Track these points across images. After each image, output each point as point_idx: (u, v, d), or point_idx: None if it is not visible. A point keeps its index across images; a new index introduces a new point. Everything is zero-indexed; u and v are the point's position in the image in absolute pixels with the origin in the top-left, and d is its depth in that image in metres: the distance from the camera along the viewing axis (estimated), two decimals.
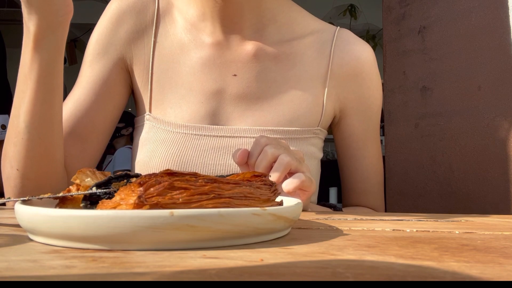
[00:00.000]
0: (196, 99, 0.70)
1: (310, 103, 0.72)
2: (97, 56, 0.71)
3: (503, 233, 0.41)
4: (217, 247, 0.31)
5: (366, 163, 0.78)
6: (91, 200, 0.37)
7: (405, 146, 1.27)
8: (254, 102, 0.71)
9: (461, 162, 1.11)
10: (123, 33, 0.72)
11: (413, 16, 1.27)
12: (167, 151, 0.68)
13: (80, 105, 0.69)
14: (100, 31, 0.72)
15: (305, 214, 0.56)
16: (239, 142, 0.68)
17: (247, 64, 0.71)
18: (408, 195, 1.26)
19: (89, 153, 0.71)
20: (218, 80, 0.70)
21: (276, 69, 0.72)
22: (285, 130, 0.70)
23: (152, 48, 0.71)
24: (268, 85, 0.71)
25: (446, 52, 1.17)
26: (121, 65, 0.72)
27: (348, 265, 0.26)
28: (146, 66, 0.72)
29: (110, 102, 0.71)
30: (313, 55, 0.74)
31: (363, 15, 4.17)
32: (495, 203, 1.03)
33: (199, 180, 0.34)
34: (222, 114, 0.70)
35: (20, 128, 0.58)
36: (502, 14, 1.03)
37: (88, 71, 0.71)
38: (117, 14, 0.72)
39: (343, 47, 0.75)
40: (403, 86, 1.28)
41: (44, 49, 0.55)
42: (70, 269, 0.24)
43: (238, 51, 0.71)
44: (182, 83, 0.71)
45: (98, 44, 0.72)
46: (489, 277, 0.23)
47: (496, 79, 1.04)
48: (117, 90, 0.72)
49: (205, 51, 0.71)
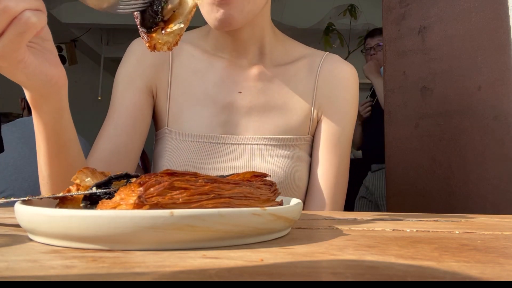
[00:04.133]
0: (208, 113, 0.83)
1: (301, 115, 0.86)
2: (127, 86, 0.84)
3: (503, 233, 0.41)
4: (217, 247, 0.31)
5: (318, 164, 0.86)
6: (91, 200, 0.37)
7: (405, 146, 1.27)
8: (256, 114, 0.84)
9: (461, 162, 1.11)
10: (146, 66, 0.85)
11: (413, 16, 1.27)
12: (185, 157, 0.80)
13: (120, 128, 0.81)
14: (127, 65, 0.86)
15: (305, 214, 0.56)
16: (243, 148, 0.82)
17: (250, 83, 0.85)
18: (408, 195, 1.26)
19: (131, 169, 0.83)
20: (226, 97, 0.84)
21: (273, 87, 0.86)
22: (281, 138, 0.83)
23: (170, 76, 0.86)
24: (267, 100, 0.85)
25: (446, 52, 1.17)
26: (147, 91, 0.85)
27: (348, 265, 0.26)
28: (165, 90, 0.86)
29: (142, 122, 0.84)
30: (303, 75, 0.88)
31: (363, 15, 4.16)
32: (495, 203, 1.03)
33: (199, 180, 0.33)
34: (231, 125, 0.84)
35: (44, 175, 0.65)
36: (502, 14, 1.03)
37: (120, 99, 0.83)
38: (140, 52, 0.86)
39: (329, 66, 0.88)
40: (403, 86, 1.28)
41: (43, 113, 0.59)
42: (70, 269, 0.24)
43: (243, 73, 0.86)
44: (197, 100, 0.84)
45: (126, 76, 0.85)
46: (489, 277, 0.23)
47: (496, 79, 1.04)
48: (146, 112, 0.85)
49: (217, 72, 0.86)
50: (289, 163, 0.81)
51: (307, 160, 0.87)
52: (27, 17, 0.44)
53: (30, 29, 0.45)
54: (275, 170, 0.80)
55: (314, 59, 0.89)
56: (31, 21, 0.44)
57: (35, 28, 0.45)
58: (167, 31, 0.50)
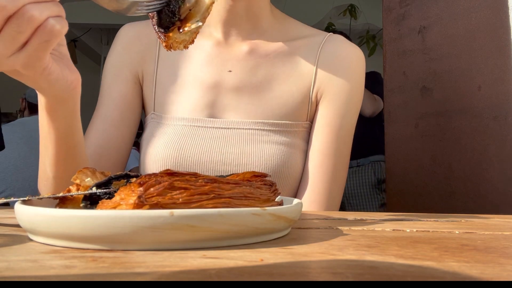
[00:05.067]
0: (195, 93, 0.78)
1: (298, 98, 0.78)
2: (114, 77, 0.81)
3: (503, 233, 0.41)
4: (217, 247, 0.31)
5: (314, 153, 0.77)
6: (91, 200, 0.37)
7: (405, 146, 1.27)
8: (247, 95, 0.78)
9: (461, 162, 1.11)
10: (133, 54, 0.82)
11: (413, 16, 1.27)
12: (168, 141, 0.75)
13: (108, 121, 0.79)
14: (114, 55, 0.83)
15: (305, 214, 0.56)
16: (232, 133, 0.76)
17: (241, 61, 0.79)
18: (408, 195, 1.26)
19: (122, 162, 0.81)
20: (214, 76, 0.78)
21: (267, 66, 0.79)
22: (276, 123, 0.76)
23: (157, 60, 0.82)
24: (259, 81, 0.78)
25: (446, 52, 1.17)
26: (134, 80, 0.83)
27: (348, 265, 0.26)
28: (152, 74, 0.83)
29: (132, 113, 0.81)
30: (302, 55, 0.80)
31: (363, 15, 4.17)
32: (495, 203, 1.03)
33: (199, 180, 0.34)
34: (218, 107, 0.78)
35: (48, 177, 0.65)
36: (502, 14, 1.03)
37: (107, 91, 0.81)
38: (126, 40, 0.83)
39: (331, 46, 0.80)
40: (403, 86, 1.28)
41: (58, 118, 0.59)
42: (70, 269, 0.24)
43: (233, 50, 0.80)
44: (183, 82, 0.80)
45: (113, 67, 0.82)
46: (489, 277, 0.23)
47: (496, 79, 1.04)
48: (135, 102, 0.82)
49: (205, 51, 0.80)
50: (285, 151, 0.74)
51: (305, 149, 0.78)
52: (51, 25, 0.43)
53: (55, 37, 0.44)
54: (269, 158, 0.73)
55: (315, 38, 0.81)
56: (55, 29, 0.44)
57: (60, 35, 0.45)
58: (184, 30, 0.49)
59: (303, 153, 0.78)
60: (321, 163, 0.76)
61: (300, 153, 0.77)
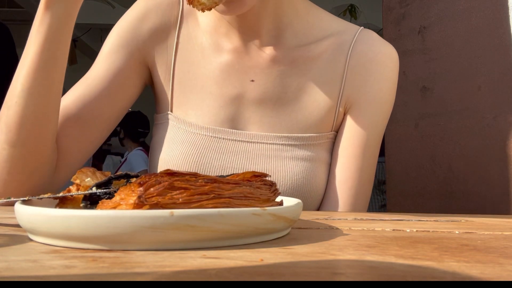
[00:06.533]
0: (215, 103, 0.71)
1: (324, 108, 0.71)
2: (116, 48, 0.71)
3: (503, 233, 0.41)
4: (217, 247, 0.31)
5: (340, 166, 0.71)
6: (91, 200, 0.37)
7: (405, 146, 1.27)
8: (271, 107, 0.71)
9: (461, 162, 1.11)
10: (146, 30, 0.73)
11: (413, 16, 1.27)
12: (187, 151, 0.69)
13: (90, 90, 0.69)
14: (124, 24, 0.73)
15: (305, 214, 0.56)
16: (255, 147, 0.70)
17: (264, 70, 0.72)
18: (408, 195, 1.26)
19: (88, 138, 0.70)
20: (236, 86, 0.72)
21: (292, 74, 0.72)
22: (300, 136, 0.70)
23: (175, 49, 0.73)
24: (284, 91, 0.71)
25: (446, 52, 1.17)
26: (139, 59, 0.72)
27: (348, 265, 0.26)
28: (168, 66, 0.73)
29: (121, 93, 0.71)
30: (329, 58, 0.72)
31: (363, 15, 4.17)
32: (495, 203, 1.03)
33: (199, 180, 0.34)
34: (240, 119, 0.72)
35: (17, 91, 0.58)
36: (502, 14, 1.03)
37: (104, 60, 0.71)
38: (143, 12, 0.73)
39: (363, 47, 0.72)
40: (403, 86, 1.28)
41: (53, 14, 0.56)
42: (70, 269, 0.24)
43: (255, 57, 0.72)
44: (202, 86, 0.72)
45: (119, 36, 0.72)
46: (489, 277, 0.23)
47: (496, 79, 1.04)
48: (131, 82, 0.72)
49: (224, 57, 0.72)
50: (309, 168, 0.69)
51: (329, 161, 0.73)
52: None
53: None
54: (293, 176, 0.68)
55: (344, 37, 0.73)
56: None
57: None
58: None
59: (327, 165, 0.72)
60: (346, 179, 0.70)
61: (324, 167, 0.72)
